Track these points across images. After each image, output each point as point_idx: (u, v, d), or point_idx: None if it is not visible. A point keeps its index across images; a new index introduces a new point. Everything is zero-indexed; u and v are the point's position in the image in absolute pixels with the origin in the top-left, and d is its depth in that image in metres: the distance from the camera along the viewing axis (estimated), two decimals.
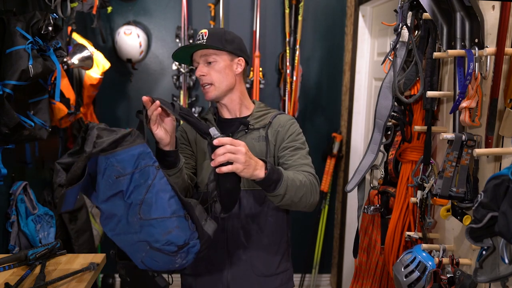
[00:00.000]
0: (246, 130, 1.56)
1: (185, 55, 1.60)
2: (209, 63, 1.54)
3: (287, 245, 1.68)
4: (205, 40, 1.53)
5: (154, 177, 1.21)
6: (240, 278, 1.59)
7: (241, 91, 1.62)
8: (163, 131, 1.33)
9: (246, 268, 1.58)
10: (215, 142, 1.24)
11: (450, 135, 1.44)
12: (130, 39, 3.08)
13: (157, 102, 1.29)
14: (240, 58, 1.58)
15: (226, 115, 1.62)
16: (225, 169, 1.23)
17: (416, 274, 1.54)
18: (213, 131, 1.27)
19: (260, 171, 1.29)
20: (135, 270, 1.34)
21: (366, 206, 1.90)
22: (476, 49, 1.36)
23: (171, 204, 1.23)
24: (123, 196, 1.21)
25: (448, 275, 1.48)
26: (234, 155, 1.23)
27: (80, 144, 1.23)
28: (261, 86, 3.27)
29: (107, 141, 1.19)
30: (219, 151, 1.23)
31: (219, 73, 1.54)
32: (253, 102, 1.67)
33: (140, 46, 3.11)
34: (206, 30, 1.55)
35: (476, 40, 1.41)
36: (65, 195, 1.14)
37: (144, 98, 1.29)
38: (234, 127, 1.58)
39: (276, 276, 1.63)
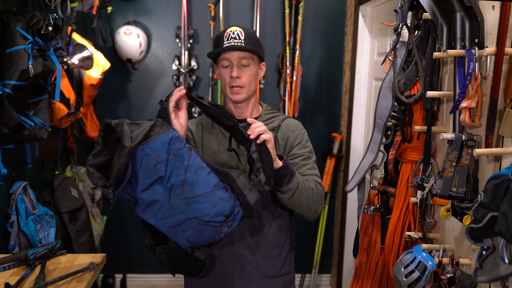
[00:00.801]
0: None
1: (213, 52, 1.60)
2: (243, 65, 1.56)
3: (290, 247, 1.69)
4: (242, 41, 1.54)
5: (189, 157, 1.30)
6: (245, 279, 1.59)
7: (256, 94, 1.67)
8: (179, 123, 1.39)
9: (251, 269, 1.59)
10: (249, 120, 1.40)
11: (450, 135, 1.44)
12: (130, 39, 3.08)
13: (184, 90, 1.39)
14: (263, 63, 1.64)
15: (237, 115, 1.64)
16: (264, 136, 1.38)
17: (416, 274, 1.54)
18: (241, 124, 1.43)
19: (278, 161, 1.44)
20: (175, 250, 1.42)
21: (366, 206, 1.90)
22: (476, 49, 1.36)
23: (211, 179, 1.32)
24: (162, 181, 1.28)
25: (448, 275, 1.48)
26: (267, 130, 1.41)
27: (101, 143, 1.31)
28: (261, 86, 3.27)
29: (141, 134, 1.26)
30: (255, 124, 1.39)
31: (251, 77, 1.58)
32: (260, 105, 1.70)
33: (140, 46, 3.11)
34: (240, 29, 1.56)
35: (476, 40, 1.41)
36: (116, 196, 1.24)
37: (182, 88, 1.40)
38: None
39: (279, 278, 1.64)
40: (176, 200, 1.29)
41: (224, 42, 1.54)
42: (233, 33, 1.54)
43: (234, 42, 1.53)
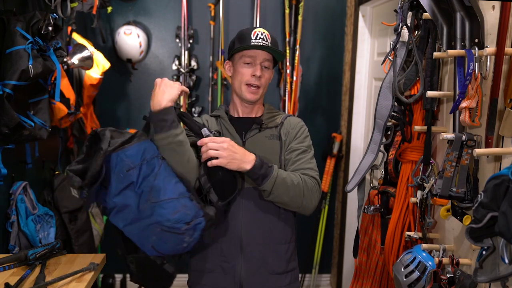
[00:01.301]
0: (260, 129, 1.63)
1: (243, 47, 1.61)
2: (265, 67, 1.60)
3: (295, 244, 1.70)
4: (269, 44, 1.58)
5: (159, 166, 1.38)
6: (253, 275, 1.59)
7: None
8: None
9: (259, 265, 1.59)
10: (198, 142, 1.44)
11: (450, 135, 1.44)
12: (130, 39, 3.08)
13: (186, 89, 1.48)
14: (272, 70, 1.68)
15: (242, 114, 1.68)
16: (210, 163, 1.42)
17: (416, 274, 1.54)
18: (205, 131, 1.46)
19: (247, 164, 1.45)
20: (145, 261, 1.46)
21: (366, 206, 1.90)
22: (476, 49, 1.36)
23: (177, 187, 1.38)
24: (134, 187, 1.36)
25: (448, 275, 1.48)
26: (217, 151, 1.42)
27: (85, 151, 1.39)
28: None
29: (120, 141, 1.35)
30: (202, 149, 1.43)
31: (267, 80, 1.64)
32: (262, 105, 1.74)
33: (140, 46, 3.11)
34: (267, 32, 1.60)
35: (476, 40, 1.41)
36: (90, 194, 1.32)
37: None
38: (247, 125, 1.64)
39: (286, 274, 1.65)
40: (143, 205, 1.35)
41: (253, 40, 1.57)
42: (262, 34, 1.58)
43: (263, 43, 1.56)
